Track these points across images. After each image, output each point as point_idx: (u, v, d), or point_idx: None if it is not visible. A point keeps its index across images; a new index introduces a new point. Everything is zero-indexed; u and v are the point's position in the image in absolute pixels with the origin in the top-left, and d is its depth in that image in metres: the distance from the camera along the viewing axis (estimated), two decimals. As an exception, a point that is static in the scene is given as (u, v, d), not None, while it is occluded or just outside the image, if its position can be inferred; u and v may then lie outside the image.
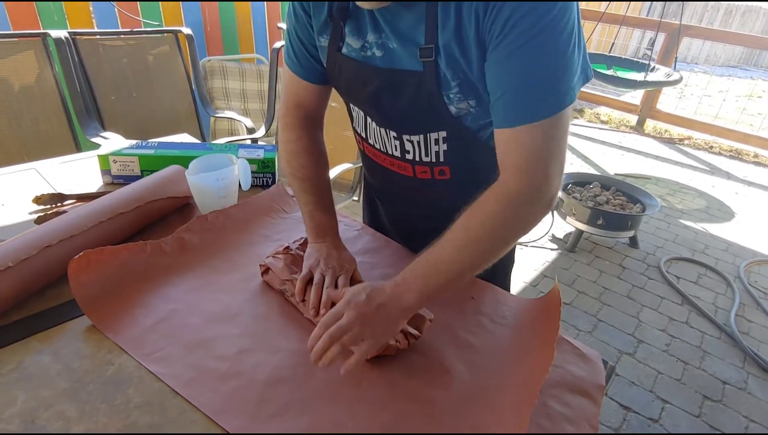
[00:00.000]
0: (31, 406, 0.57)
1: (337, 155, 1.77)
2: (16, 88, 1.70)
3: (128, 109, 2.05)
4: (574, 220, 2.48)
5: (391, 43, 0.68)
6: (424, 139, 0.76)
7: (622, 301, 2.17)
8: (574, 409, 0.64)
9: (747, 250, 2.68)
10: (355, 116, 0.85)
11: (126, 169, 1.10)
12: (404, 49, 0.67)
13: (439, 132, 0.75)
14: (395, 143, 0.79)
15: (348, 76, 0.75)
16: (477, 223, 0.62)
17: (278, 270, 0.79)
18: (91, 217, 0.82)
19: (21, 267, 0.71)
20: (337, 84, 0.79)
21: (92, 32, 1.96)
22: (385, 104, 0.74)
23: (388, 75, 0.70)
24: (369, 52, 0.70)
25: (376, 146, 0.84)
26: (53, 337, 0.68)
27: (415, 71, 0.67)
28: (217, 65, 2.59)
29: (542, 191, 0.62)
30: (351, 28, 0.71)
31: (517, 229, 0.64)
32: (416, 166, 0.81)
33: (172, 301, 0.76)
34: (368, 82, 0.72)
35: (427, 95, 0.68)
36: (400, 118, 0.75)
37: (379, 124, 0.79)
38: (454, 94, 0.68)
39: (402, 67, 0.68)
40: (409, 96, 0.70)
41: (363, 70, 0.72)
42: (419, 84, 0.68)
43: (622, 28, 4.12)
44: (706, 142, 4.38)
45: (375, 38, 0.69)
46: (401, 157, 0.81)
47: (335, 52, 0.74)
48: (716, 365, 1.84)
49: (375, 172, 0.92)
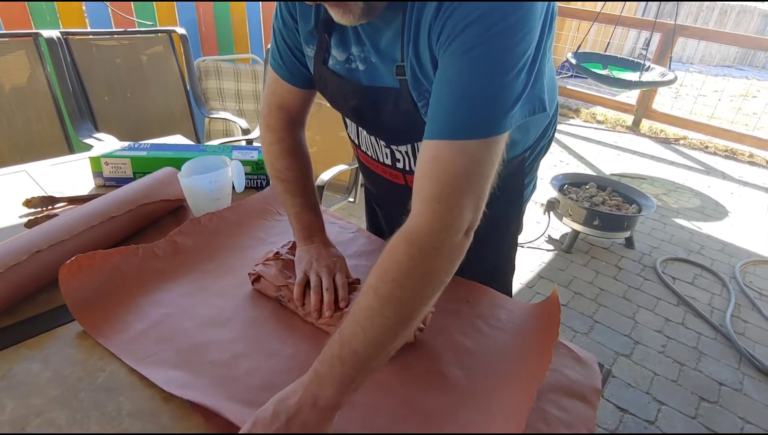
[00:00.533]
0: (21, 414, 0.56)
1: (332, 157, 1.76)
2: (7, 89, 1.68)
3: (122, 110, 2.03)
4: (570, 220, 2.49)
5: (372, 58, 0.67)
6: (412, 149, 0.76)
7: (618, 302, 2.17)
8: (571, 413, 0.64)
9: (742, 250, 2.69)
10: (348, 123, 0.85)
11: (118, 172, 1.09)
12: (383, 65, 0.66)
13: None
14: (386, 151, 0.79)
15: (332, 90, 0.74)
16: (386, 280, 0.53)
17: (272, 277, 0.78)
18: (82, 221, 0.81)
19: (10, 272, 0.70)
20: (324, 93, 0.78)
21: (85, 32, 1.94)
22: (368, 118, 0.74)
23: (368, 92, 0.70)
24: (353, 65, 0.70)
25: (368, 153, 0.84)
26: (43, 343, 0.67)
27: (392, 88, 0.66)
28: (211, 65, 2.57)
29: (451, 226, 0.53)
30: (336, 40, 0.70)
31: (433, 276, 0.54)
32: (407, 175, 0.80)
33: (165, 305, 0.75)
34: (349, 97, 0.72)
35: (405, 112, 0.67)
36: (385, 130, 0.75)
37: (369, 133, 0.79)
38: (426, 113, 0.65)
39: (382, 84, 0.68)
40: (389, 111, 0.69)
41: (345, 85, 0.72)
42: (397, 100, 0.67)
43: (617, 28, 4.13)
44: (701, 142, 4.40)
45: (358, 51, 0.68)
46: (392, 165, 0.81)
47: (320, 65, 0.74)
48: (712, 366, 1.84)
49: (370, 178, 0.92)
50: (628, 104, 4.71)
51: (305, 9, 0.72)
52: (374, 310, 0.52)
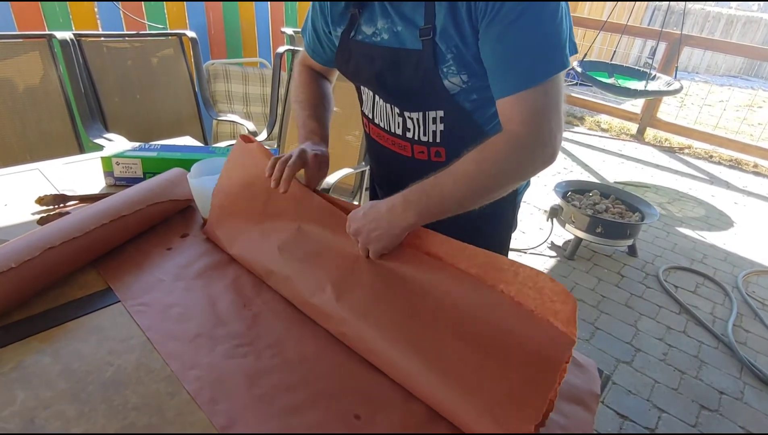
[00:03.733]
0: (31, 406, 0.58)
1: (338, 160, 1.78)
2: (20, 89, 1.71)
3: (132, 111, 2.06)
4: (573, 227, 2.49)
5: (397, 27, 0.77)
6: (423, 118, 0.83)
7: (620, 310, 2.18)
8: (570, 417, 0.65)
9: (745, 260, 2.69)
10: (364, 98, 0.93)
11: (129, 172, 1.11)
12: (407, 30, 0.76)
13: (437, 111, 0.81)
14: (398, 120, 0.86)
15: (357, 58, 0.84)
16: (486, 158, 0.68)
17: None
18: (93, 219, 0.83)
19: (23, 268, 0.71)
20: (345, 68, 0.87)
21: (97, 34, 1.97)
22: (387, 81, 0.81)
23: (391, 53, 0.78)
24: (378, 38, 0.80)
25: (381, 125, 0.90)
26: (54, 337, 0.68)
27: (415, 50, 0.75)
28: (220, 68, 2.60)
29: (546, 142, 0.69)
30: (365, 17, 0.80)
31: (520, 171, 0.70)
32: (415, 146, 0.87)
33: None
34: (375, 60, 0.81)
35: (424, 71, 0.75)
36: (402, 94, 0.82)
37: (385, 101, 0.87)
38: (448, 68, 0.74)
39: (405, 46, 0.77)
40: (409, 72, 0.77)
41: (372, 50, 0.81)
42: (418, 61, 0.75)
43: (623, 36, 4.14)
44: (705, 152, 4.39)
45: (384, 24, 0.78)
46: (402, 135, 0.87)
47: (348, 39, 0.84)
48: (713, 375, 1.84)
49: (377, 155, 0.98)
50: (633, 113, 4.72)
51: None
52: (469, 176, 0.69)
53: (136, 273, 0.82)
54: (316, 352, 0.70)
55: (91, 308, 0.74)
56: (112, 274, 0.81)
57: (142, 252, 0.88)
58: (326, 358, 0.69)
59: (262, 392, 0.62)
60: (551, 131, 0.68)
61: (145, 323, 0.72)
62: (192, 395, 0.61)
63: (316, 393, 0.63)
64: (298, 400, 0.62)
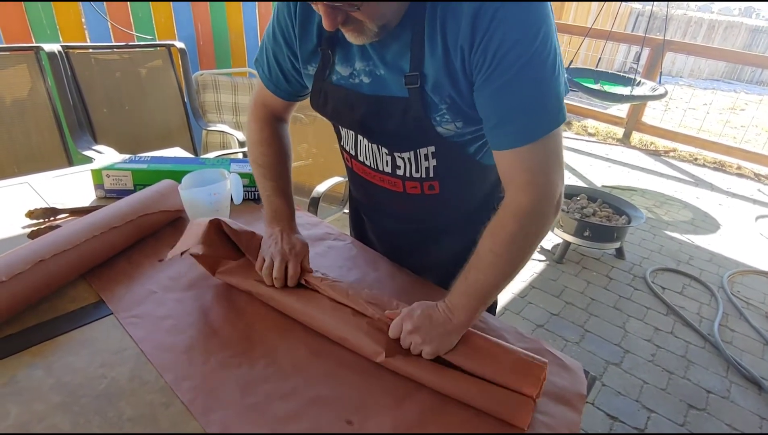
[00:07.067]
0: (24, 420, 0.58)
1: (328, 168, 1.79)
2: (8, 102, 1.71)
3: (121, 123, 2.06)
4: (562, 231, 2.53)
5: (379, 71, 0.71)
6: (414, 156, 0.79)
7: (608, 312, 2.21)
8: (556, 417, 0.66)
9: (730, 260, 2.74)
10: (344, 136, 0.88)
11: (119, 184, 1.11)
12: (391, 76, 0.70)
13: (428, 147, 0.78)
14: (387, 159, 0.82)
15: (335, 102, 0.78)
16: (501, 243, 0.68)
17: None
18: (84, 232, 0.84)
19: (14, 281, 0.72)
20: (323, 110, 0.81)
21: (85, 46, 1.98)
22: (374, 127, 0.77)
23: (375, 101, 0.73)
24: (357, 80, 0.74)
25: (366, 163, 0.86)
26: (46, 350, 0.69)
27: (401, 97, 0.71)
28: (209, 79, 2.61)
29: (550, 197, 0.68)
30: (340, 56, 0.74)
31: (538, 236, 0.71)
32: (407, 182, 0.83)
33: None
34: (356, 107, 0.75)
35: (414, 119, 0.71)
36: (391, 138, 0.78)
37: (372, 142, 0.82)
38: (441, 117, 0.71)
39: (389, 93, 0.72)
40: (396, 120, 0.73)
41: (350, 96, 0.75)
42: (405, 109, 0.71)
43: (608, 42, 4.21)
44: (690, 155, 4.47)
45: (363, 66, 0.72)
46: (392, 172, 0.83)
47: (322, 80, 0.77)
48: (700, 374, 1.87)
49: (364, 188, 0.93)
50: (619, 117, 4.80)
51: (306, 32, 0.75)
52: (491, 264, 0.69)
53: (128, 284, 0.83)
54: (309, 359, 0.71)
55: (84, 321, 0.74)
56: (104, 287, 0.82)
57: (134, 263, 0.89)
58: (318, 365, 0.70)
59: (255, 401, 0.63)
60: (553, 184, 0.67)
61: (138, 335, 0.72)
62: (186, 405, 0.62)
63: (309, 400, 0.64)
64: (291, 408, 0.63)
